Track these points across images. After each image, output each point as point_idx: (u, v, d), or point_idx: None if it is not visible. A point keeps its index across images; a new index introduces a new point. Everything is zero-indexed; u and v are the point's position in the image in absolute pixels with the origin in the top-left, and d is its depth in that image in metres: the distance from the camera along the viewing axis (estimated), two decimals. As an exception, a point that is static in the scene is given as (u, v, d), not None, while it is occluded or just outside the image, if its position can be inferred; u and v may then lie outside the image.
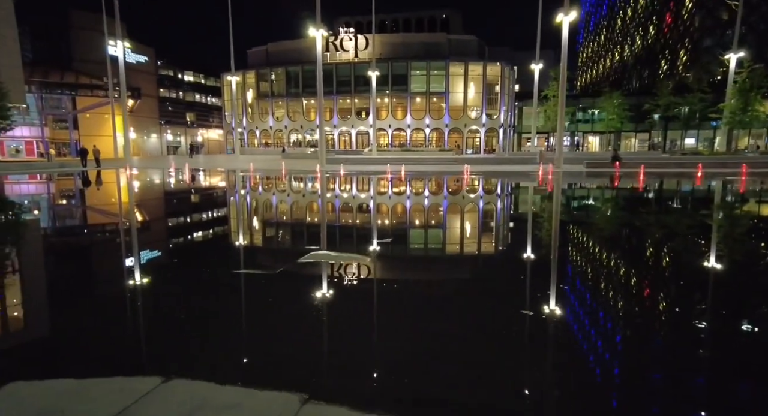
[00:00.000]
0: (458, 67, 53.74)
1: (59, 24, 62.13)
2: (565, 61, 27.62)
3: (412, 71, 54.50)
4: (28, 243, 7.04)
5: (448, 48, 56.21)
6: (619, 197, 13.64)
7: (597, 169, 26.18)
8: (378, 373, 2.52)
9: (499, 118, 54.90)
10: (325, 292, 4.03)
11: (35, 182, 21.55)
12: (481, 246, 6.54)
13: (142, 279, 4.52)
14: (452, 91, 54.36)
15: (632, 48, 64.29)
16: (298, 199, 12.57)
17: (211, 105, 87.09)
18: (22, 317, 3.63)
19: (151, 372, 2.42)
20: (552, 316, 3.39)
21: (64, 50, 62.48)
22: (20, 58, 45.02)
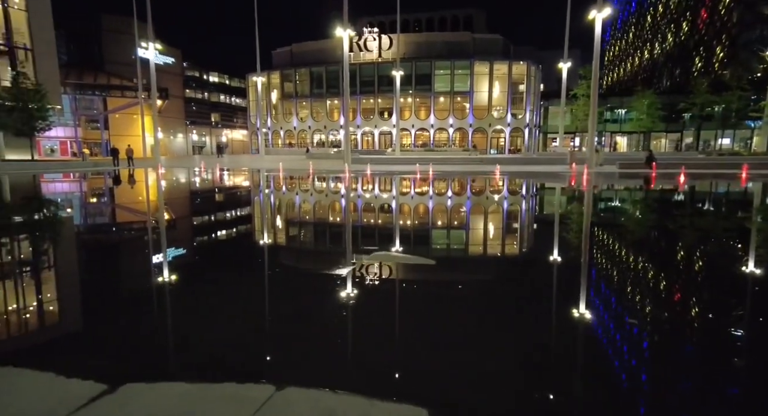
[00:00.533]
0: (483, 66, 53.11)
1: (91, 27, 64.07)
2: (598, 59, 26.94)
3: (436, 71, 54.12)
4: (98, 240, 7.14)
5: (472, 47, 55.64)
6: (672, 201, 13.07)
7: (631, 170, 25.40)
8: (505, 383, 2.36)
9: (524, 118, 54.04)
10: (404, 295, 3.89)
11: (76, 181, 22.14)
12: (542, 250, 6.31)
13: (222, 280, 4.47)
14: (477, 91, 53.76)
15: (663, 45, 62.39)
16: (339, 199, 12.50)
17: (235, 105, 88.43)
18: (109, 318, 3.59)
19: (261, 379, 2.32)
20: (629, 334, 3.16)
21: (96, 53, 64.42)
22: (57, 60, 46.53)
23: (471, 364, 2.59)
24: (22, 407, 2.03)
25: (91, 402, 2.06)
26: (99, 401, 2.07)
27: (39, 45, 43.38)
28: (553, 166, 29.14)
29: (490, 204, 11.24)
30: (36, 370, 2.42)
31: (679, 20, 60.68)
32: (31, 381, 2.30)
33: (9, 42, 41.51)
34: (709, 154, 36.63)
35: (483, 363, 2.62)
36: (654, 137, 53.78)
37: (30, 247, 6.46)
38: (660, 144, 54.19)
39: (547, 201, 12.67)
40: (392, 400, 2.10)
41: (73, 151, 59.96)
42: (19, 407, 2.03)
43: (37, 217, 9.72)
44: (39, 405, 2.04)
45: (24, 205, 12.08)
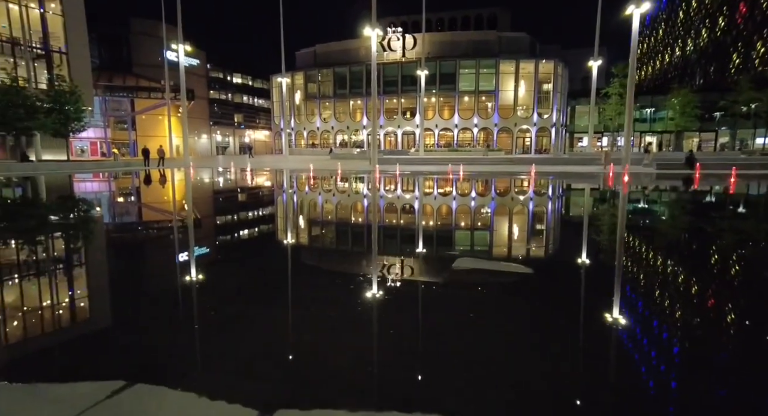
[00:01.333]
0: (509, 65, 52.33)
1: (121, 31, 65.53)
2: (635, 56, 26.22)
3: (461, 70, 53.55)
4: (164, 239, 7.09)
5: (498, 46, 54.88)
6: (739, 205, 12.37)
7: (669, 171, 24.55)
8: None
9: (551, 117, 53.01)
10: (521, 311, 3.63)
11: (121, 180, 22.55)
12: (640, 257, 5.94)
13: (318, 290, 4.28)
14: (502, 90, 53.00)
15: (696, 42, 60.24)
16: (395, 201, 12.26)
17: (258, 106, 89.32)
18: (172, 320, 3.49)
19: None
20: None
21: (125, 55, 65.89)
22: (90, 63, 47.76)
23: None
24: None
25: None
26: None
27: (73, 48, 44.60)
28: (586, 166, 28.39)
29: (549, 207, 10.86)
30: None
31: (715, 15, 58.46)
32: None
33: (46, 45, 42.79)
34: (750, 154, 35.16)
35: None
36: (686, 136, 52.05)
37: (96, 243, 6.44)
38: (691, 144, 52.43)
39: (609, 205, 12.19)
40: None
41: (102, 151, 61.40)
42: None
43: (96, 215, 9.79)
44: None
45: (79, 203, 12.25)
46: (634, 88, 25.43)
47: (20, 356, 2.90)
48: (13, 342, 3.11)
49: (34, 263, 5.34)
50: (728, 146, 48.15)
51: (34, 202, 13.22)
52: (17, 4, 40.10)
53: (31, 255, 5.76)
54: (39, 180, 21.62)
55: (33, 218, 9.66)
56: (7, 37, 39.95)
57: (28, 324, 3.45)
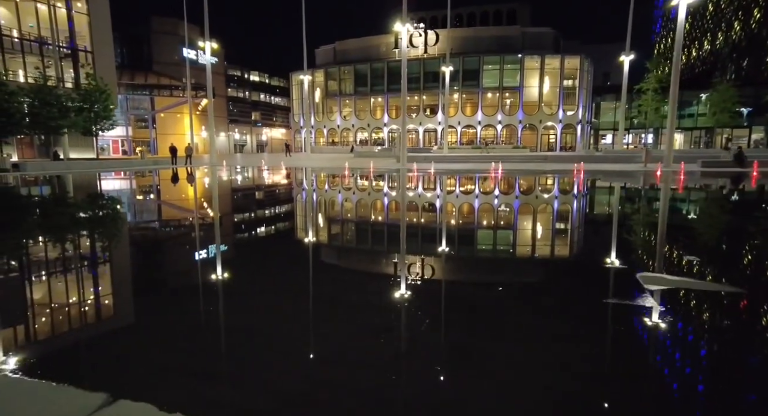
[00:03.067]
0: (534, 60, 51.43)
1: (141, 30, 65.73)
2: (680, 49, 25.42)
3: (485, 66, 52.77)
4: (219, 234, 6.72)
5: (521, 41, 53.99)
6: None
7: (715, 169, 23.72)
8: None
9: (576, 114, 52.03)
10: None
11: (157, 177, 22.39)
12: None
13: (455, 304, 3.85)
14: (526, 86, 52.15)
15: (728, 35, 58.54)
16: (471, 201, 11.79)
17: (275, 104, 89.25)
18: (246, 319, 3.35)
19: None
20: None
21: (145, 54, 66.11)
22: (114, 62, 47.87)
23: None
24: None
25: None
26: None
27: (98, 47, 44.71)
28: (624, 164, 27.61)
29: (664, 212, 10.32)
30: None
31: (750, 6, 56.71)
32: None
33: (73, 44, 42.93)
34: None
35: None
36: (716, 133, 50.77)
37: (179, 241, 6.10)
38: (722, 140, 51.10)
39: (722, 209, 11.59)
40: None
41: (124, 150, 61.74)
42: None
43: (174, 215, 9.49)
44: None
45: (147, 203, 12.01)
46: (678, 82, 24.66)
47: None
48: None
49: (124, 256, 5.01)
50: (763, 142, 46.79)
51: (100, 201, 13.01)
52: (46, 4, 40.21)
53: (121, 249, 5.47)
54: (82, 178, 21.52)
55: (113, 217, 9.40)
56: (35, 36, 40.12)
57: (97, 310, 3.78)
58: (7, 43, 38.17)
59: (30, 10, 40.18)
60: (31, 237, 7.33)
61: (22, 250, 6.34)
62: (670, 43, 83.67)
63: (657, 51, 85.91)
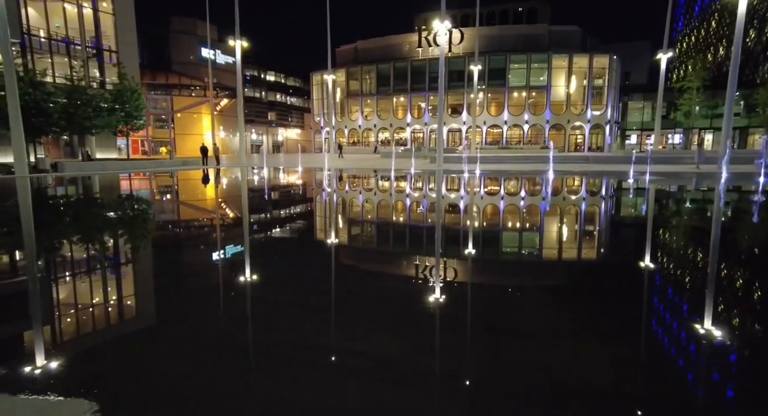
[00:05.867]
0: (561, 59, 50.59)
1: (161, 30, 65.61)
2: (739, 45, 24.49)
3: (511, 65, 51.97)
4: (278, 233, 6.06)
5: (548, 40, 53.14)
6: None
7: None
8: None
9: (605, 114, 51.06)
10: None
11: (193, 178, 21.86)
12: None
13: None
14: (554, 85, 51.29)
15: (763, 32, 56.95)
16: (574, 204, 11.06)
17: (290, 104, 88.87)
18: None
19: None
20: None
21: (165, 54, 65.99)
22: (138, 62, 47.57)
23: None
24: None
25: None
26: None
27: (123, 47, 44.44)
28: (672, 165, 26.68)
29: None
30: None
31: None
32: None
33: (98, 42, 42.68)
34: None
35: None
36: (749, 133, 49.52)
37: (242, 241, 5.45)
38: (755, 140, 49.81)
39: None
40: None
41: (144, 150, 61.57)
42: None
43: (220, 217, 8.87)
44: None
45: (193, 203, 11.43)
46: (735, 80, 23.78)
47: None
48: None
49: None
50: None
51: (181, 204, 12.45)
52: (74, 4, 40.00)
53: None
54: (134, 179, 21.05)
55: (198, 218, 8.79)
56: (62, 36, 39.88)
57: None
58: (36, 43, 37.98)
59: (57, 11, 39.98)
60: (140, 240, 6.77)
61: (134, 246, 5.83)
62: (693, 41, 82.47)
63: (679, 49, 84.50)
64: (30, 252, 5.96)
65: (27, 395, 2.27)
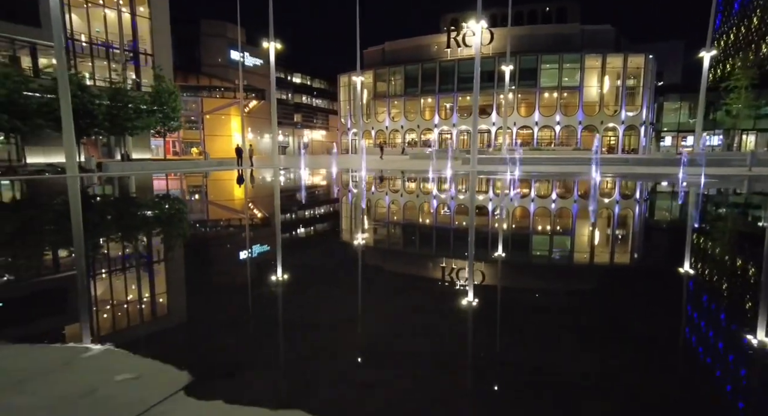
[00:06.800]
0: (594, 59, 49.43)
1: (192, 32, 67.01)
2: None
3: (543, 65, 51.10)
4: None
5: (581, 39, 52.05)
6: None
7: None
8: None
9: (640, 115, 49.63)
10: None
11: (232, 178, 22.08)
12: None
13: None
14: (586, 86, 50.16)
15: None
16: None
17: (316, 106, 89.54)
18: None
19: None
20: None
21: (196, 56, 67.35)
22: (172, 64, 48.61)
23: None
24: None
25: None
26: None
27: (158, 50, 45.45)
28: (720, 168, 25.63)
29: None
30: None
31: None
32: None
33: (135, 45, 43.79)
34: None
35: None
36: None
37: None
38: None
39: None
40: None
41: (175, 150, 62.84)
42: None
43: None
44: None
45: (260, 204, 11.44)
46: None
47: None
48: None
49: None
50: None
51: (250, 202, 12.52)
52: (114, 9, 41.15)
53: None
54: (182, 178, 21.41)
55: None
56: (102, 40, 41.05)
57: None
58: (78, 48, 39.18)
59: (98, 16, 41.19)
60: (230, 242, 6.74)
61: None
62: (732, 39, 79.42)
63: (718, 47, 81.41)
64: (122, 241, 6.01)
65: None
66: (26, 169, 25.10)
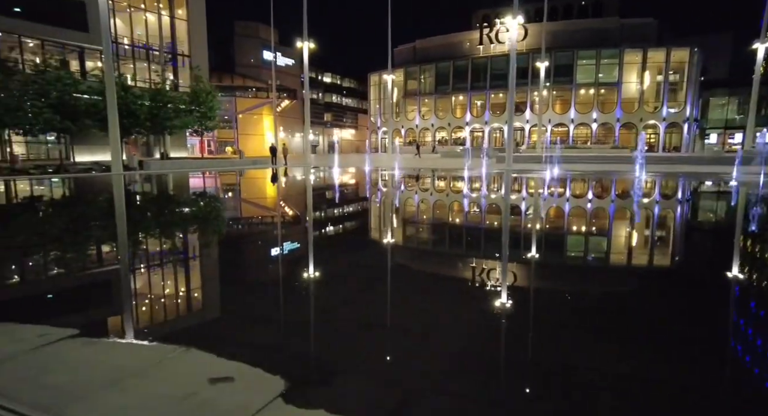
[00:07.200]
0: (634, 54, 47.54)
1: (225, 34, 68.53)
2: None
3: (579, 61, 49.55)
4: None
5: (620, 33, 50.13)
6: None
7: None
8: None
9: (683, 111, 47.39)
10: None
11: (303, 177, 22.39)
12: None
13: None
14: (625, 81, 48.29)
15: None
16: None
17: (345, 105, 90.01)
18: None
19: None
20: None
21: (230, 56, 68.84)
22: (208, 66, 49.91)
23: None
24: None
25: None
26: None
27: (195, 51, 46.72)
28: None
29: None
30: None
31: None
32: None
33: (173, 49, 45.18)
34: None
35: None
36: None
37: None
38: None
39: None
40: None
41: (210, 149, 64.40)
42: None
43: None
44: None
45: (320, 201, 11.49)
46: None
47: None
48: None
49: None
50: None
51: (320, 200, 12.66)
52: (155, 13, 42.57)
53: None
54: (223, 176, 21.89)
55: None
56: (143, 42, 42.55)
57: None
58: (120, 51, 40.76)
59: (140, 20, 42.71)
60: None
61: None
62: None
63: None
64: (194, 239, 6.07)
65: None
66: (75, 167, 26.25)
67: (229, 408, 2.00)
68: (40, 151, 33.06)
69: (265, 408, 2.00)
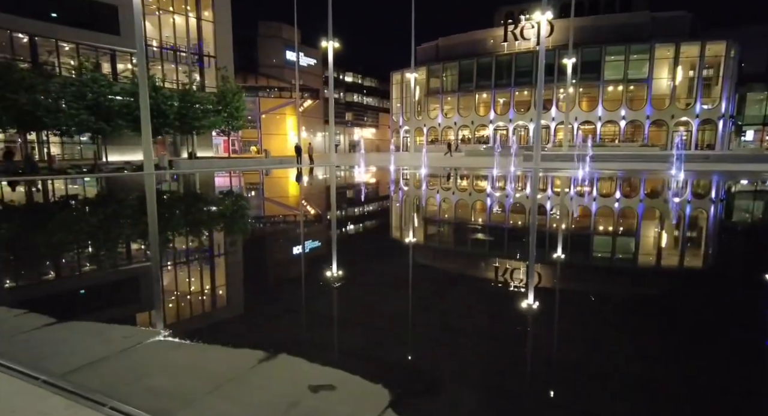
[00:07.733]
0: (666, 49, 46.02)
1: (249, 34, 69.31)
2: None
3: (607, 57, 48.28)
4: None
5: (651, 28, 48.61)
6: None
7: None
8: None
9: (718, 107, 45.64)
10: None
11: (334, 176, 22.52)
12: None
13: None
14: (656, 78, 46.80)
15: None
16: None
17: (366, 104, 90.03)
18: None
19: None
20: None
21: (253, 57, 69.62)
22: (233, 66, 50.60)
23: None
24: None
25: None
26: None
27: (221, 52, 47.43)
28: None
29: None
30: None
31: None
32: None
33: (200, 50, 45.98)
34: None
35: None
36: None
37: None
38: None
39: None
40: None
41: (234, 149, 65.25)
42: None
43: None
44: None
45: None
46: None
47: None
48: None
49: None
50: None
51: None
52: (183, 15, 43.42)
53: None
54: (253, 175, 22.16)
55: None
56: (171, 44, 43.44)
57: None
58: (150, 52, 41.68)
59: (168, 22, 43.61)
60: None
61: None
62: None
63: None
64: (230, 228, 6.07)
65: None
66: (108, 167, 26.96)
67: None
68: (74, 152, 34.11)
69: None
